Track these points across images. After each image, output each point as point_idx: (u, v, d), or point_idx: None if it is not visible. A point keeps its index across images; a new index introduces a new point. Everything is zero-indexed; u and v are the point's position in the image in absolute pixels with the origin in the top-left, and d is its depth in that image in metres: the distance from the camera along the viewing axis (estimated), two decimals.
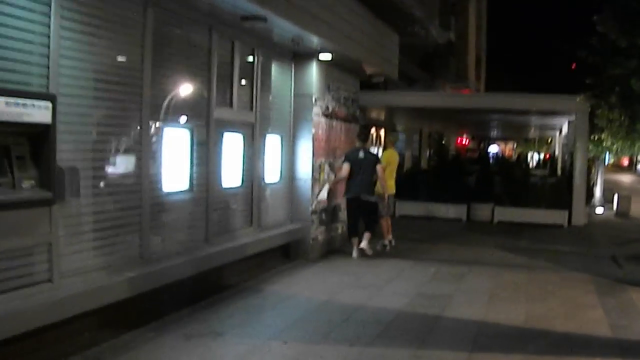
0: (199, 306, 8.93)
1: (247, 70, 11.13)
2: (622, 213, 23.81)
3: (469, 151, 47.33)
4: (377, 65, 14.72)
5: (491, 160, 31.98)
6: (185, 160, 9.43)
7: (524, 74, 59.34)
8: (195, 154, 9.56)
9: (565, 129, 27.79)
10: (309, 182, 12.63)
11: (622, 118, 16.47)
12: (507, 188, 20.81)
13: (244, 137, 11.01)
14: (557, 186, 20.79)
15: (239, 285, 10.25)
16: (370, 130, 19.97)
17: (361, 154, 12.94)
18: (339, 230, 14.14)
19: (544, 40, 76.70)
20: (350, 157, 12.98)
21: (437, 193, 20.69)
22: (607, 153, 24.72)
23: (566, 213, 19.57)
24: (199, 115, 9.69)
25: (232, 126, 10.66)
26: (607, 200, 25.79)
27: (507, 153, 57.19)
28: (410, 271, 11.90)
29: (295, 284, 10.60)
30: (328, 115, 13.29)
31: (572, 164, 20.81)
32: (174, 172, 9.14)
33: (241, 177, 10.99)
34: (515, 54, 71.30)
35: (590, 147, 21.85)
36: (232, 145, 10.68)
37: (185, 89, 9.35)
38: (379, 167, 13.07)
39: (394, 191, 14.35)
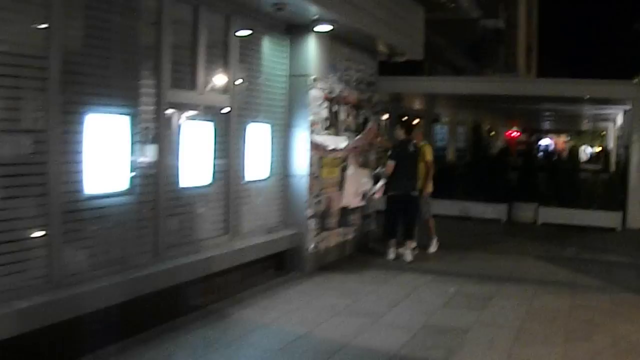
0: (133, 341, 6.94)
1: (219, 44, 9.06)
2: None
3: (519, 144, 44.58)
4: (396, 42, 12.50)
5: (540, 154, 29.28)
6: (124, 154, 7.36)
7: (580, 64, 56.35)
8: (138, 146, 7.51)
9: (620, 120, 25.23)
10: (306, 180, 10.49)
11: None
12: (553, 185, 18.33)
13: (215, 126, 8.88)
14: (610, 184, 18.25)
15: (202, 309, 8.25)
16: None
17: (410, 147, 11.84)
18: (350, 236, 11.96)
19: (602, 28, 73.28)
20: (399, 151, 11.79)
21: (474, 190, 18.35)
22: None
23: (620, 215, 17.09)
24: (142, 98, 7.66)
25: (197, 112, 8.64)
26: None
27: (559, 146, 54.28)
28: (425, 291, 9.68)
29: (273, 308, 8.51)
30: (333, 99, 11.09)
31: (627, 159, 18.29)
32: (104, 168, 7.13)
33: (212, 173, 8.82)
34: (570, 44, 68.28)
35: None
36: (198, 135, 8.63)
37: (119, 64, 7.27)
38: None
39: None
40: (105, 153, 7.09)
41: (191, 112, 8.49)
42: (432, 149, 13.23)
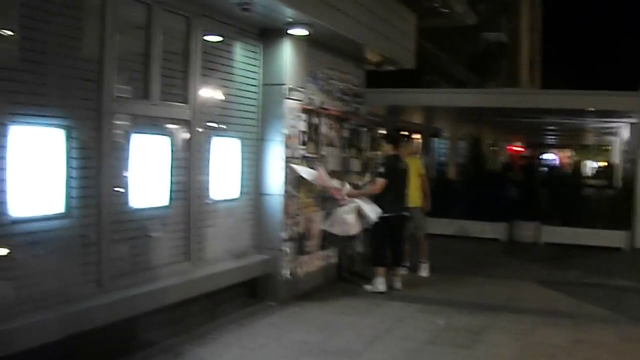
0: None
1: (178, 50, 8.10)
2: None
3: (522, 159, 43.53)
4: (384, 49, 11.54)
5: (544, 169, 28.20)
6: (59, 171, 6.38)
7: (585, 78, 55.42)
8: (75, 162, 6.55)
9: (625, 134, 24.22)
10: (281, 199, 9.49)
11: None
12: (556, 203, 17.28)
13: (172, 140, 7.90)
14: (616, 201, 17.19)
15: (155, 346, 7.30)
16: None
17: (400, 164, 10.79)
18: (333, 260, 10.98)
19: (607, 39, 72.27)
20: (390, 168, 10.60)
21: (472, 208, 17.34)
22: None
23: (627, 234, 16.06)
24: (81, 110, 6.69)
25: (150, 125, 7.67)
26: None
27: (563, 161, 53.20)
28: (410, 324, 8.70)
29: (236, 344, 7.59)
30: (312, 111, 10.13)
31: (633, 175, 17.27)
32: (34, 188, 6.18)
33: (169, 193, 7.83)
34: (574, 57, 67.18)
35: None
36: (151, 150, 7.67)
37: (53, 69, 6.31)
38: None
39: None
40: (35, 170, 6.14)
41: (143, 125, 7.50)
42: (424, 162, 12.42)
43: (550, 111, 20.17)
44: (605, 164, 42.08)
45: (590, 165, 52.03)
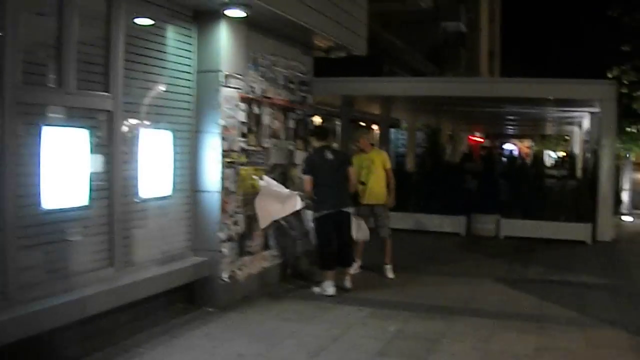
0: None
1: (97, 33, 7.25)
2: None
3: (483, 149, 43.06)
4: (333, 34, 10.75)
5: (504, 160, 27.57)
6: None
7: (546, 68, 55.12)
8: None
9: (585, 124, 23.69)
10: (218, 197, 8.68)
11: None
12: (516, 195, 16.60)
13: (91, 133, 7.04)
14: (578, 193, 16.53)
15: None
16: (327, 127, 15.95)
17: (328, 155, 9.75)
18: (279, 260, 10.22)
19: (569, 27, 72.12)
20: (314, 161, 9.75)
21: (429, 202, 16.61)
22: None
23: (589, 226, 15.43)
24: None
25: (64, 116, 6.83)
26: (635, 207, 21.71)
27: (523, 151, 52.88)
28: (359, 331, 7.94)
29: (165, 359, 6.67)
30: (253, 100, 9.33)
31: (595, 165, 16.66)
32: None
33: (88, 191, 6.98)
34: (535, 47, 66.95)
35: (619, 144, 17.82)
36: (65, 144, 6.78)
37: None
38: (350, 170, 9.90)
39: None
40: None
41: (56, 116, 6.65)
42: (387, 156, 11.59)
43: (510, 100, 19.56)
44: (566, 154, 41.71)
45: (551, 156, 51.81)
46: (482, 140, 49.43)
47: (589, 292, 10.37)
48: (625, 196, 21.30)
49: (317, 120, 14.70)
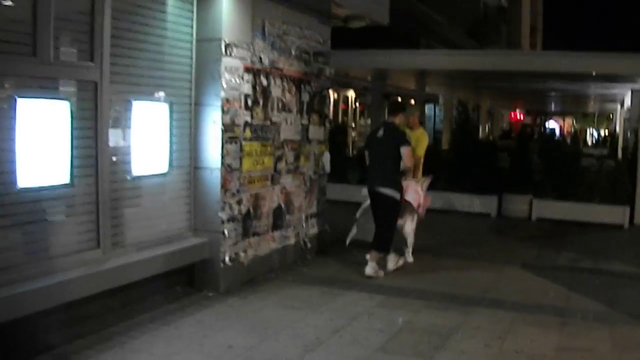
0: None
1: None
2: None
3: (523, 127, 42.12)
4: (350, 0, 10.02)
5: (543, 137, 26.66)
6: None
7: (588, 43, 53.76)
8: None
9: (627, 101, 22.73)
10: (218, 174, 8.09)
11: None
12: (550, 175, 15.76)
13: (73, 107, 6.49)
14: (617, 173, 15.66)
15: (48, 352, 6.00)
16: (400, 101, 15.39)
17: (380, 132, 9.49)
18: (290, 241, 9.63)
19: (610, 8, 70.47)
20: (368, 137, 10.01)
21: (459, 180, 15.86)
22: None
23: (627, 209, 14.59)
24: None
25: (42, 87, 6.28)
26: None
27: (565, 130, 51.71)
28: (364, 322, 7.33)
29: (145, 351, 6.22)
30: (260, 71, 8.70)
31: (635, 145, 15.80)
32: None
33: (69, 168, 6.42)
34: (577, 22, 65.40)
35: None
36: (44, 117, 6.26)
37: None
38: (404, 150, 9.17)
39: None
40: None
41: (32, 87, 6.09)
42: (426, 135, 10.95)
43: (550, 75, 18.68)
44: (608, 133, 40.62)
45: (593, 134, 50.62)
46: (522, 117, 48.46)
47: (621, 282, 9.64)
48: None
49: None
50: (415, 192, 9.87)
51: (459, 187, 15.80)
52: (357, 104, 28.26)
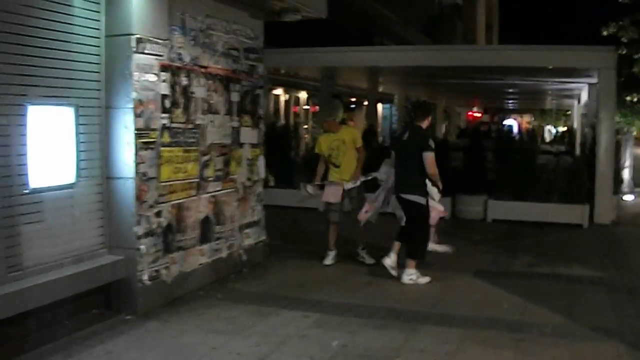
0: None
1: None
2: None
3: (482, 125, 41.71)
4: None
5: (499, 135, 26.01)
6: None
7: (544, 42, 53.62)
8: None
9: (584, 96, 22.20)
10: (132, 184, 7.23)
11: None
12: (506, 174, 15.01)
13: None
14: (574, 170, 14.97)
15: None
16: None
17: (405, 135, 9.31)
18: (223, 254, 8.83)
19: (565, 3, 70.56)
20: (393, 140, 10.22)
21: None
22: None
23: (586, 208, 13.95)
24: None
25: None
26: (637, 184, 20.24)
27: (524, 127, 51.37)
28: (293, 347, 6.54)
29: None
30: (181, 69, 7.88)
31: (593, 141, 15.17)
32: None
33: None
34: (532, 20, 65.32)
35: (619, 117, 16.35)
36: None
37: None
38: (425, 155, 8.88)
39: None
40: None
41: None
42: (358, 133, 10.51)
43: (506, 70, 18.06)
44: (567, 129, 40.27)
45: (551, 131, 50.38)
46: (481, 115, 48.14)
47: (581, 288, 8.96)
48: (626, 174, 19.78)
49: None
50: (334, 194, 9.65)
51: None
52: (310, 105, 27.54)
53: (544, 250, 11.48)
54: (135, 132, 7.19)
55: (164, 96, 7.61)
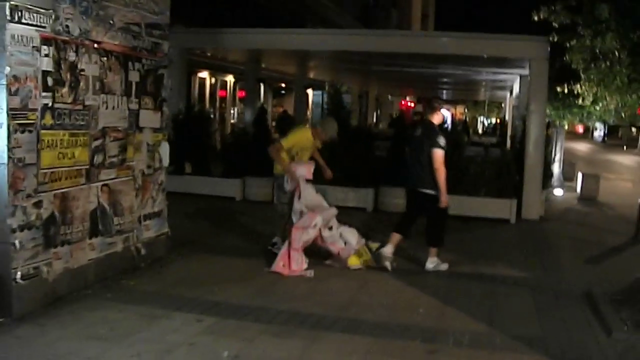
0: None
1: None
2: (588, 197, 18.27)
3: (415, 115, 41.33)
4: None
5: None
6: None
7: (483, 31, 53.72)
8: None
9: (516, 87, 21.84)
10: (4, 171, 6.41)
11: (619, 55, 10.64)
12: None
13: None
14: (503, 163, 14.48)
15: None
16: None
17: (418, 130, 9.49)
18: (117, 248, 8.03)
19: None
20: (408, 135, 9.94)
21: (334, 173, 14.36)
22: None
23: (514, 202, 13.47)
24: None
25: None
26: (567, 178, 19.98)
27: (457, 118, 51.20)
28: (177, 358, 5.73)
29: None
30: (68, 43, 7.04)
31: (523, 134, 14.70)
32: None
33: None
34: (469, 12, 65.33)
35: (551, 110, 16.00)
36: None
37: None
38: (433, 152, 9.07)
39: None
40: None
41: None
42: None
43: (441, 58, 17.46)
44: (499, 121, 40.16)
45: (484, 123, 50.38)
46: (413, 104, 47.81)
47: (504, 290, 8.43)
48: (556, 168, 19.47)
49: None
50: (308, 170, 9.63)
51: (333, 180, 14.31)
52: (237, 90, 26.73)
53: (468, 247, 10.94)
54: (10, 112, 6.34)
55: (46, 73, 6.76)
